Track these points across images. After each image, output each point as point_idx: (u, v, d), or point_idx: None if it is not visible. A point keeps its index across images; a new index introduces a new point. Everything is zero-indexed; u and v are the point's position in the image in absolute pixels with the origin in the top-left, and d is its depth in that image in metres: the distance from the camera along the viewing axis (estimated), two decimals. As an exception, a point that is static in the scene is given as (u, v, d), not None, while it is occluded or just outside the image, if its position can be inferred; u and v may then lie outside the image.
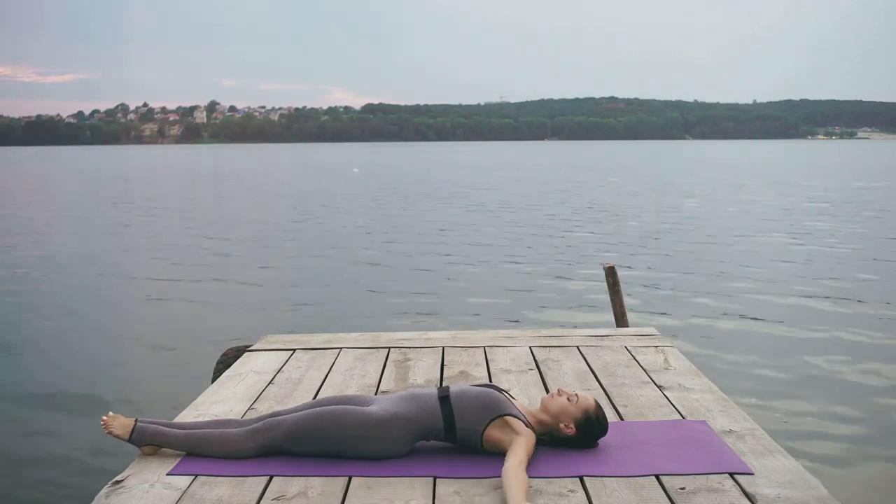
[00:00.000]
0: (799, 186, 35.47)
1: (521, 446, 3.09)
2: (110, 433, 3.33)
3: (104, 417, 3.36)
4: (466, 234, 18.44)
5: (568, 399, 3.32)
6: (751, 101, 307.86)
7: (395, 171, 55.20)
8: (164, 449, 3.34)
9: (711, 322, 9.48)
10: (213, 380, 5.17)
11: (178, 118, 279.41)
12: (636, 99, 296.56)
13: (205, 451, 3.27)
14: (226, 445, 3.26)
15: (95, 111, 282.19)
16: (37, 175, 54.36)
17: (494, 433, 3.19)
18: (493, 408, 3.23)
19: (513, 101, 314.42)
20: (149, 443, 3.33)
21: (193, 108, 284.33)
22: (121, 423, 3.34)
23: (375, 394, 4.22)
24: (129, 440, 3.32)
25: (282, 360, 4.93)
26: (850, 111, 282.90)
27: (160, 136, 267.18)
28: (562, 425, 3.28)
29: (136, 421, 3.34)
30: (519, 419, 3.22)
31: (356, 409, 3.25)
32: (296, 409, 3.40)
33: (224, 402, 4.09)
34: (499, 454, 3.18)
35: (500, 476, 3.01)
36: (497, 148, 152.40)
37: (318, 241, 17.40)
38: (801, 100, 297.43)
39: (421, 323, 9.20)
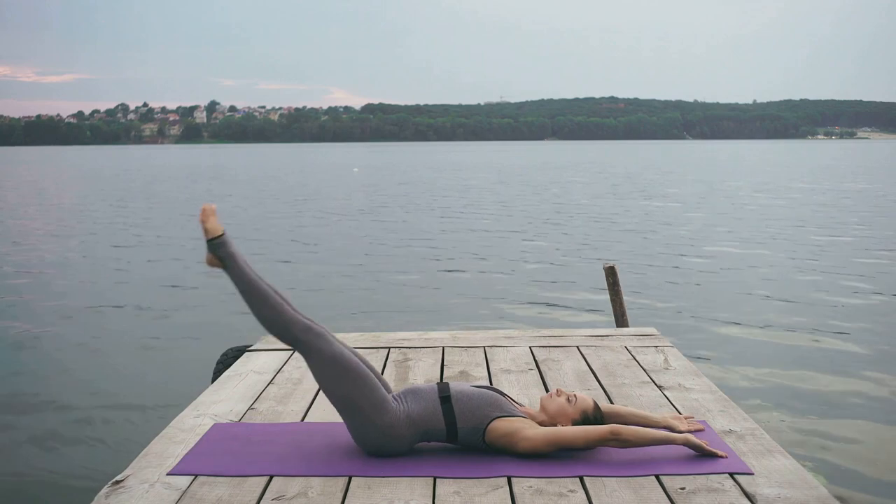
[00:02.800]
0: (801, 188, 35.47)
1: (532, 428, 3.17)
2: (202, 221, 3.32)
3: (205, 205, 3.33)
4: (466, 233, 18.44)
5: (567, 400, 3.32)
6: (751, 101, 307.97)
7: (394, 171, 55.19)
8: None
9: (712, 322, 9.48)
10: (213, 380, 5.18)
11: (178, 118, 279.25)
12: (636, 99, 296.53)
13: (258, 303, 3.28)
14: (279, 313, 3.27)
15: (95, 111, 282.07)
16: (39, 175, 54.38)
17: (497, 432, 3.20)
18: (496, 408, 3.24)
19: (513, 101, 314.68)
20: (221, 257, 3.32)
21: (193, 108, 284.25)
22: (214, 223, 3.33)
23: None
24: (211, 240, 3.30)
25: (282, 360, 4.93)
26: (849, 111, 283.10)
27: (160, 136, 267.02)
28: (560, 426, 3.28)
29: (224, 231, 3.32)
30: (521, 418, 3.24)
31: (383, 392, 3.25)
32: (342, 345, 3.34)
33: (224, 402, 4.09)
34: (502, 451, 3.20)
35: (499, 476, 3.02)
36: (497, 148, 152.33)
37: (317, 241, 17.39)
38: (801, 100, 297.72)
39: (421, 323, 9.19)
